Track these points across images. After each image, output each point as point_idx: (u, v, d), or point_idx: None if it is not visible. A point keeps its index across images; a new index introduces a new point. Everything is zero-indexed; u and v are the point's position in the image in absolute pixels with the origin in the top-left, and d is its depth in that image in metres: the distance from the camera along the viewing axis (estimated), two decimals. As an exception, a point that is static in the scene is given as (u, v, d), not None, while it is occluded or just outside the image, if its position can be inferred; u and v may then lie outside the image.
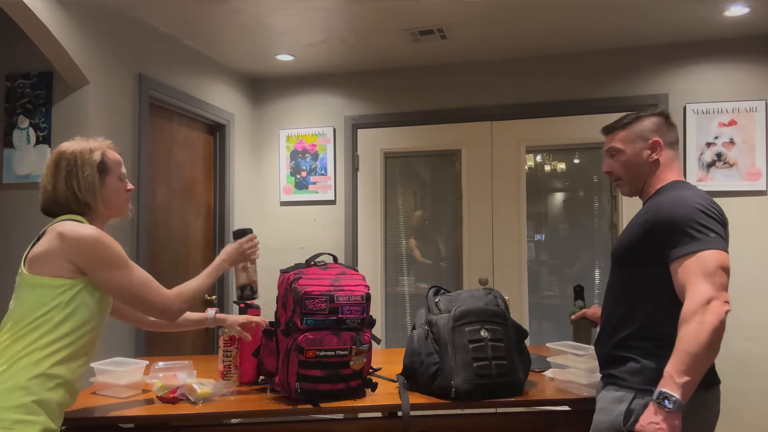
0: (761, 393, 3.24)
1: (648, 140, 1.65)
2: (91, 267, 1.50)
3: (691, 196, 1.49)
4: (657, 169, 1.64)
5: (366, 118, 3.94)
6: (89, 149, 1.60)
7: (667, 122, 1.68)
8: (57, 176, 1.57)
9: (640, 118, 1.68)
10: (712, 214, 1.46)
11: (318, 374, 1.74)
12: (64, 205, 1.57)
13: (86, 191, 1.57)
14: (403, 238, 4.00)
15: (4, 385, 1.40)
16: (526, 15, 3.00)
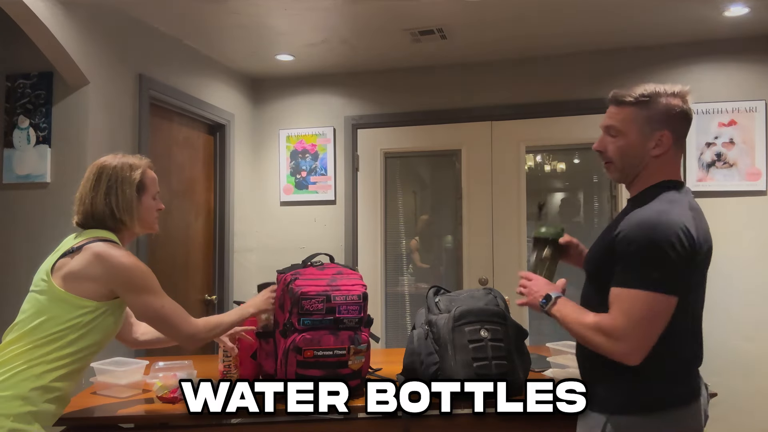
0: (761, 393, 3.24)
1: (656, 131, 1.41)
2: (127, 292, 1.55)
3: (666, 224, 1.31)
4: (654, 165, 1.43)
5: (366, 118, 3.94)
6: (130, 166, 1.65)
7: (683, 110, 1.42)
8: (97, 190, 1.61)
9: (657, 97, 1.41)
10: (680, 249, 1.29)
11: (316, 374, 1.74)
12: (99, 220, 1.61)
13: (124, 209, 1.61)
14: (404, 238, 4.00)
15: (5, 393, 1.40)
16: (526, 15, 2.99)
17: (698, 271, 1.39)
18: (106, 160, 1.67)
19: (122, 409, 1.73)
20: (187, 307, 1.68)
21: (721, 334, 3.30)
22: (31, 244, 2.67)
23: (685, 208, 1.37)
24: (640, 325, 1.29)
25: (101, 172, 1.64)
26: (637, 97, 1.42)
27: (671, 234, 1.29)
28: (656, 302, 1.29)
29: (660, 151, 1.41)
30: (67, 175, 2.65)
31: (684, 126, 1.44)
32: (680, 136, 1.44)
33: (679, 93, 1.42)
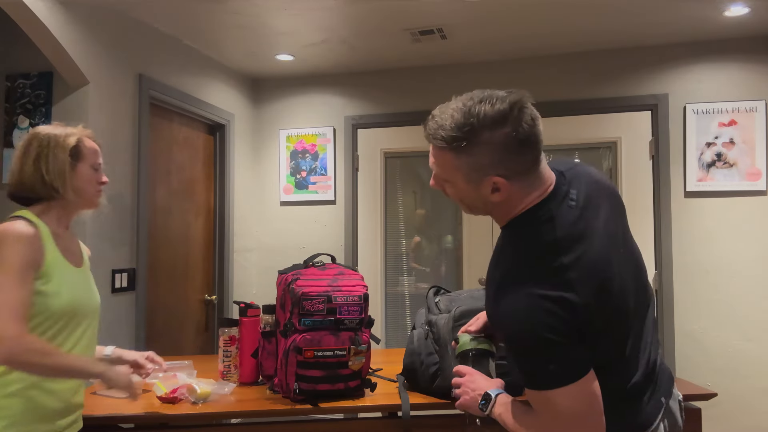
0: (761, 393, 3.24)
1: (485, 177, 1.12)
2: None
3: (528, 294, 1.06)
4: (505, 205, 1.16)
5: (366, 118, 3.94)
6: (65, 134, 1.52)
7: (516, 140, 1.10)
8: (26, 157, 1.48)
9: (473, 137, 1.11)
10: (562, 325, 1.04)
11: (316, 374, 1.74)
12: (29, 188, 1.48)
13: (54, 174, 1.47)
14: (404, 238, 3.99)
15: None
16: (526, 15, 2.99)
17: (603, 311, 1.08)
18: (40, 128, 1.54)
19: (122, 410, 1.73)
20: (187, 307, 1.67)
21: (721, 334, 3.30)
22: (31, 244, 2.67)
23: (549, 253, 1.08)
24: (573, 422, 1.07)
25: (32, 139, 1.50)
26: (448, 139, 1.15)
27: (539, 314, 1.04)
28: (574, 392, 1.05)
29: (501, 197, 1.13)
30: (67, 175, 2.65)
31: (523, 155, 1.11)
32: (523, 169, 1.12)
33: (505, 116, 1.11)
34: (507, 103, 1.14)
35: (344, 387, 1.78)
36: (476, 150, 1.11)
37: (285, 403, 1.78)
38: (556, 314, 1.04)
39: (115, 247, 2.80)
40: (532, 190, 1.15)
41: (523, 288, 1.07)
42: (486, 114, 1.13)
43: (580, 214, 1.14)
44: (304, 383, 1.74)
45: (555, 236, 1.10)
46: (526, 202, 1.15)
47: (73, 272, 1.52)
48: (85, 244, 2.60)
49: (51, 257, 1.45)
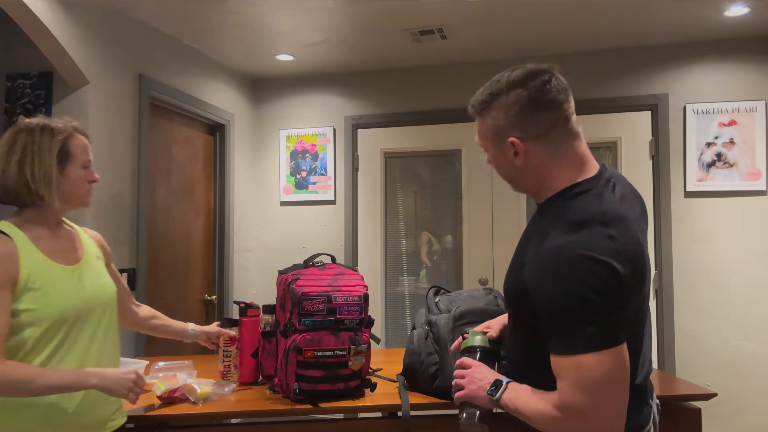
0: (761, 393, 3.24)
1: (504, 140, 1.17)
2: None
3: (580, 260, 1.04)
4: (531, 174, 1.20)
5: (366, 118, 3.94)
6: (51, 130, 1.40)
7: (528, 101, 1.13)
8: (10, 157, 1.37)
9: (493, 99, 1.17)
10: (605, 287, 1.03)
11: (316, 374, 1.74)
12: (13, 193, 1.38)
13: (41, 181, 1.37)
14: (404, 238, 3.99)
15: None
16: (525, 15, 3.00)
17: (635, 295, 1.10)
18: (23, 122, 1.41)
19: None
20: (187, 307, 1.67)
21: (721, 334, 3.30)
22: (31, 244, 2.67)
23: (596, 222, 1.08)
24: (601, 394, 1.03)
25: (16, 136, 1.38)
26: (477, 105, 1.21)
27: (584, 274, 1.03)
28: (607, 361, 1.03)
29: (522, 160, 1.17)
30: (67, 175, 2.65)
31: (539, 117, 1.14)
32: (542, 131, 1.14)
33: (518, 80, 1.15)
34: (526, 69, 1.16)
35: (344, 387, 1.78)
36: (494, 113, 1.17)
37: (285, 403, 1.78)
38: (600, 277, 1.03)
39: (115, 247, 2.80)
40: (564, 163, 1.17)
41: (570, 250, 1.06)
42: (505, 79, 1.17)
43: (621, 201, 1.16)
44: (304, 383, 1.74)
45: (602, 210, 1.10)
46: (565, 177, 1.17)
47: (64, 272, 1.42)
48: (85, 244, 2.61)
49: (31, 266, 1.35)
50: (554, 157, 1.17)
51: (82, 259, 1.50)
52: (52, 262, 1.40)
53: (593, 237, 1.06)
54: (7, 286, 1.31)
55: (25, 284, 1.34)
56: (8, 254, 1.33)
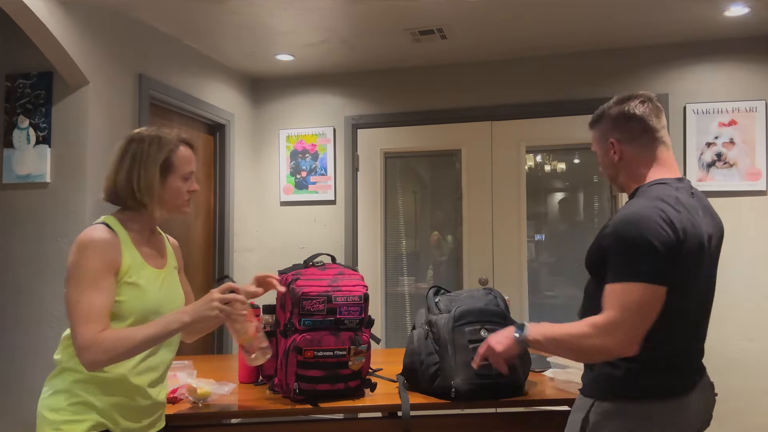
0: (761, 393, 3.24)
1: (606, 140, 1.56)
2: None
3: (649, 218, 1.34)
4: (625, 167, 1.54)
5: (366, 118, 3.94)
6: (159, 141, 1.50)
7: (623, 114, 1.54)
8: (121, 166, 1.48)
9: (602, 114, 1.58)
10: (663, 239, 1.32)
11: (316, 374, 1.74)
12: (122, 198, 1.49)
13: (144, 191, 1.47)
14: (404, 238, 4.00)
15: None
16: (525, 15, 3.00)
17: (688, 261, 1.37)
18: (138, 131, 1.52)
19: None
20: (187, 307, 1.65)
21: (721, 334, 3.30)
22: (31, 244, 2.67)
23: (667, 201, 1.38)
24: (630, 315, 1.31)
25: (128, 145, 1.49)
26: (592, 119, 1.61)
27: (651, 225, 1.33)
28: (645, 292, 1.31)
29: (617, 156, 1.53)
30: (67, 175, 2.65)
31: (630, 124, 1.52)
32: (633, 136, 1.52)
33: (619, 100, 1.57)
34: (628, 94, 1.59)
35: (344, 387, 1.78)
36: (602, 122, 1.57)
37: (285, 403, 1.78)
38: (665, 229, 1.32)
39: (115, 247, 2.80)
40: (649, 163, 1.52)
41: (646, 204, 1.37)
42: (613, 101, 1.58)
43: (695, 201, 1.47)
44: (304, 383, 1.74)
45: (677, 197, 1.41)
46: (652, 174, 1.51)
47: (153, 275, 1.50)
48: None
49: (130, 262, 1.44)
50: (641, 157, 1.52)
51: (165, 266, 1.57)
52: (145, 263, 1.49)
53: (667, 205, 1.37)
54: (111, 271, 1.40)
55: (123, 276, 1.42)
56: (114, 244, 1.43)
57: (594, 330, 1.33)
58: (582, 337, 1.35)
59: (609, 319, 1.32)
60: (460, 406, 1.75)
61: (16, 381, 2.67)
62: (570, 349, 1.40)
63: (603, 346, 1.33)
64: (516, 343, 1.46)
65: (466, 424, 1.83)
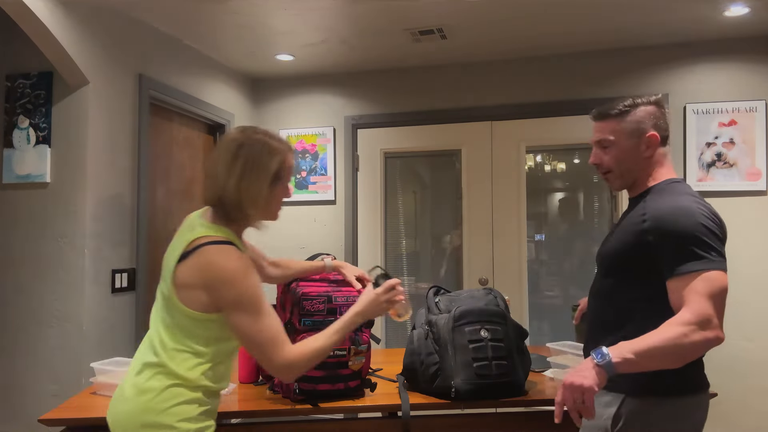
0: (761, 393, 3.24)
1: (644, 134, 1.52)
2: (225, 305, 1.35)
3: (695, 208, 1.38)
4: (649, 166, 1.54)
5: (366, 118, 3.94)
6: (270, 150, 1.43)
7: (661, 113, 1.56)
8: (231, 172, 1.41)
9: (636, 106, 1.54)
10: (716, 229, 1.37)
11: (317, 375, 1.74)
12: (227, 206, 1.43)
13: (252, 202, 1.42)
14: (404, 238, 3.99)
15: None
16: (526, 15, 2.99)
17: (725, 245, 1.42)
18: (246, 134, 1.45)
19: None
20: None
21: (721, 334, 3.30)
22: (31, 244, 2.67)
23: (696, 197, 1.44)
24: (716, 302, 1.31)
25: (239, 150, 1.42)
26: (620, 109, 1.54)
27: (702, 215, 1.37)
28: (722, 279, 1.32)
29: (651, 152, 1.52)
30: (67, 175, 2.65)
31: (664, 127, 1.55)
32: (665, 134, 1.55)
33: (654, 101, 1.55)
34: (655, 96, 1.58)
35: (344, 387, 1.78)
36: (636, 115, 1.53)
37: (285, 403, 1.78)
38: (711, 215, 1.38)
39: (115, 247, 2.80)
40: (668, 163, 1.55)
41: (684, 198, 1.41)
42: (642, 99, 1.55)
43: None
44: (304, 383, 1.74)
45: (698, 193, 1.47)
46: (665, 174, 1.53)
47: None
48: (85, 244, 2.62)
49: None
50: (663, 157, 1.55)
51: None
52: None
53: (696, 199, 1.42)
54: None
55: None
56: (252, 264, 1.40)
57: (690, 327, 1.28)
58: (681, 338, 1.28)
59: (700, 311, 1.29)
60: (460, 406, 1.75)
61: (16, 381, 2.67)
62: (671, 355, 1.29)
63: (705, 339, 1.29)
64: (601, 370, 1.27)
65: (466, 424, 1.83)
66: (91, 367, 2.01)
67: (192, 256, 1.37)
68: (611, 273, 1.51)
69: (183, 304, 1.36)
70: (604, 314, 1.52)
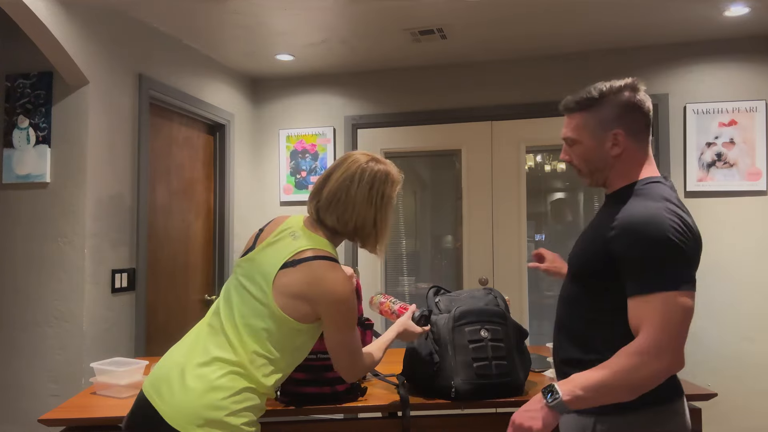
0: (761, 393, 3.24)
1: (609, 131, 1.37)
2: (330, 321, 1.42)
3: (665, 218, 1.24)
4: (620, 163, 1.39)
5: (366, 118, 3.94)
6: (392, 182, 1.53)
7: (632, 103, 1.36)
8: (369, 203, 1.48)
9: (603, 97, 1.37)
10: (685, 243, 1.23)
11: (300, 377, 1.72)
12: (344, 231, 1.49)
13: (383, 234, 1.51)
14: (403, 238, 3.99)
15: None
16: (526, 15, 3.00)
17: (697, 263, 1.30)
18: (372, 163, 1.50)
19: (122, 410, 1.72)
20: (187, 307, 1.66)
21: (721, 333, 3.30)
22: (31, 244, 2.67)
23: (673, 202, 1.30)
24: (675, 328, 1.19)
25: (374, 180, 1.49)
26: (581, 101, 1.40)
27: (671, 227, 1.23)
28: (685, 301, 1.20)
29: (618, 150, 1.37)
30: (67, 175, 2.65)
31: (639, 118, 1.38)
32: (637, 130, 1.37)
33: (626, 86, 1.37)
34: (628, 80, 1.39)
35: (331, 390, 1.75)
36: (603, 108, 1.37)
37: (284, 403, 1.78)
38: (682, 228, 1.24)
39: (115, 247, 2.80)
40: (645, 158, 1.40)
41: (657, 206, 1.27)
42: (611, 84, 1.38)
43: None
44: (288, 385, 1.73)
45: (677, 197, 1.34)
46: (644, 172, 1.39)
47: None
48: (84, 244, 2.62)
49: None
50: (639, 153, 1.39)
51: None
52: None
53: (672, 206, 1.28)
54: None
55: None
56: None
57: (641, 358, 1.18)
58: (631, 371, 1.19)
59: (654, 339, 1.18)
60: (460, 406, 1.75)
61: (16, 381, 2.67)
62: (621, 389, 1.21)
63: (657, 372, 1.19)
64: (551, 411, 1.22)
65: (466, 424, 1.82)
66: (91, 367, 2.01)
67: (300, 267, 1.40)
68: (578, 279, 1.41)
69: (284, 312, 1.38)
70: (571, 322, 1.42)
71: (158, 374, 1.40)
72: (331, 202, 1.48)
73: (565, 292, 1.46)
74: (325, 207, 1.49)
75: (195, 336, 1.45)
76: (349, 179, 1.48)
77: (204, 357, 1.37)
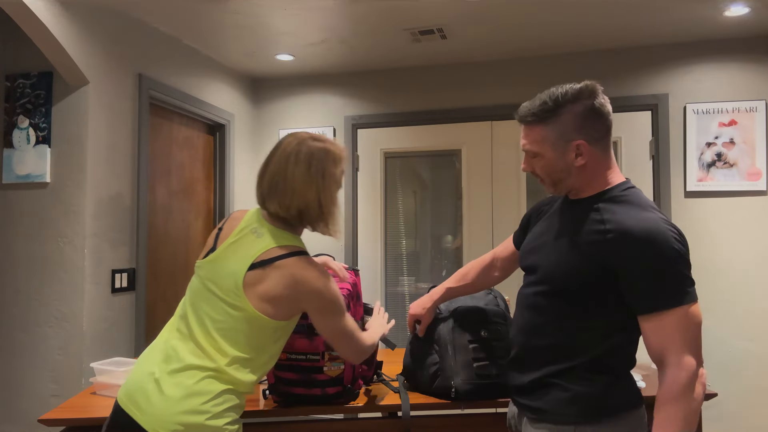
0: (761, 393, 3.24)
1: (571, 142, 1.31)
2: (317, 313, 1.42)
3: (665, 229, 1.22)
4: (586, 171, 1.33)
5: (366, 118, 3.94)
6: (334, 159, 1.48)
7: (592, 111, 1.32)
8: (310, 180, 1.42)
9: (560, 109, 1.31)
10: (686, 249, 1.23)
11: (290, 377, 1.70)
12: (297, 215, 1.45)
13: (330, 215, 1.46)
14: (403, 238, 3.99)
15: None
16: (526, 15, 3.00)
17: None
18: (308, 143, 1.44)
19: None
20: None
21: (721, 333, 3.30)
22: (31, 244, 2.67)
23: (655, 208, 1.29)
24: (700, 340, 1.21)
25: (311, 161, 1.42)
26: (538, 113, 1.33)
27: (672, 237, 1.21)
28: (697, 310, 1.21)
29: (583, 161, 1.32)
30: (67, 175, 2.65)
31: (600, 125, 1.33)
32: (599, 137, 1.33)
33: (583, 92, 1.33)
34: (582, 84, 1.35)
35: (321, 393, 1.72)
36: (562, 119, 1.31)
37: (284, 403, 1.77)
38: (680, 237, 1.23)
39: (115, 247, 2.80)
40: (610, 164, 1.36)
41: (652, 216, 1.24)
42: (567, 91, 1.33)
43: None
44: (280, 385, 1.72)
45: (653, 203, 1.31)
46: (612, 177, 1.35)
47: None
48: (84, 244, 2.62)
49: None
50: (603, 158, 1.35)
51: None
52: None
53: (661, 214, 1.27)
54: None
55: None
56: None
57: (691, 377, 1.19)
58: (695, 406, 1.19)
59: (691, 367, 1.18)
60: (460, 406, 1.75)
61: (16, 381, 2.67)
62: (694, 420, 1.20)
63: (704, 393, 1.22)
64: None
65: (466, 424, 1.82)
66: (91, 367, 2.01)
67: (272, 269, 1.37)
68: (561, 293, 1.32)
69: (261, 313, 1.36)
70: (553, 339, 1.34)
71: (133, 385, 1.36)
72: (272, 187, 1.43)
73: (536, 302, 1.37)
74: (267, 194, 1.43)
75: (164, 343, 1.40)
76: (285, 160, 1.42)
77: (178, 364, 1.34)
